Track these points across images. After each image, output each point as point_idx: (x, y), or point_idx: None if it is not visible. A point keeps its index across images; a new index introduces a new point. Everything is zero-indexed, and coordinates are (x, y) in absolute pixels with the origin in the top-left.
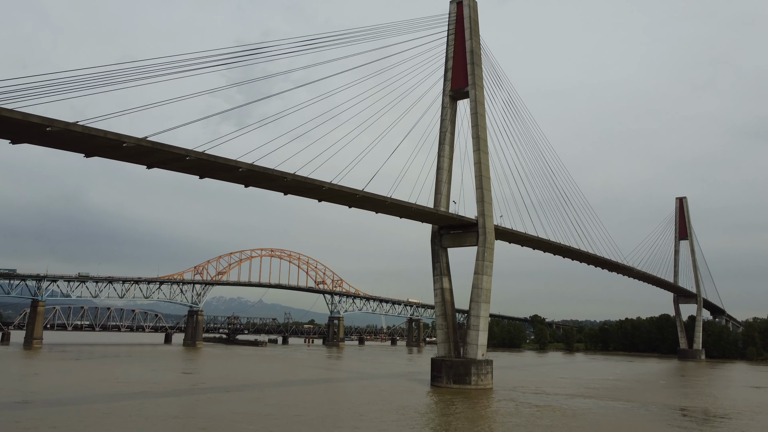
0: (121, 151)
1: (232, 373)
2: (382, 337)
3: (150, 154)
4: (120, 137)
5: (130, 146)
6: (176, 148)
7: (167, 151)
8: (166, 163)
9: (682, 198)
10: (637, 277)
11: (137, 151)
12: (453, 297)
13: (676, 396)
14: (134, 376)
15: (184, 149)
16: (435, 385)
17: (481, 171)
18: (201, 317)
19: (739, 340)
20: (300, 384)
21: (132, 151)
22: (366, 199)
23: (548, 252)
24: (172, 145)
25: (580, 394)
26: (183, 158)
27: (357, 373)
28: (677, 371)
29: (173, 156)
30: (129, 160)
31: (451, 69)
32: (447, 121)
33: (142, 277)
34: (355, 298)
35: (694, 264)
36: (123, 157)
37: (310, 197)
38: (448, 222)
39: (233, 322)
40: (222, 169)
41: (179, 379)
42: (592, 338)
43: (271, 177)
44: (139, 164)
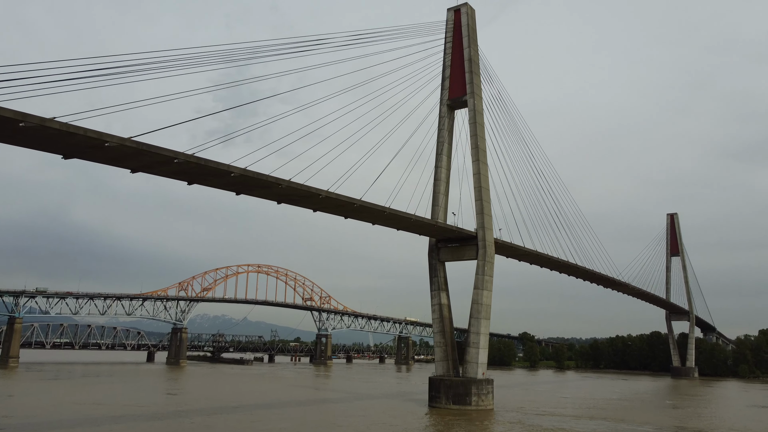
0: (103, 152)
1: (219, 394)
2: (369, 355)
3: (135, 156)
4: (102, 136)
5: (113, 146)
6: (164, 150)
7: (154, 153)
8: (152, 167)
9: (673, 214)
10: (632, 293)
11: (121, 153)
12: (451, 313)
13: (688, 417)
14: (115, 397)
15: (172, 151)
16: (433, 406)
17: (481, 182)
18: (185, 335)
19: (730, 358)
20: (293, 405)
21: (115, 152)
22: (364, 209)
23: (545, 267)
24: (159, 146)
25: (587, 415)
26: (171, 161)
27: (351, 394)
28: (677, 390)
29: (160, 158)
30: (111, 162)
31: (449, 78)
32: (445, 131)
33: (125, 294)
34: (344, 315)
35: (686, 280)
36: (105, 158)
37: (304, 206)
38: (446, 234)
39: (218, 340)
40: (212, 174)
41: (164, 400)
42: (582, 356)
43: (265, 183)
44: (122, 167)
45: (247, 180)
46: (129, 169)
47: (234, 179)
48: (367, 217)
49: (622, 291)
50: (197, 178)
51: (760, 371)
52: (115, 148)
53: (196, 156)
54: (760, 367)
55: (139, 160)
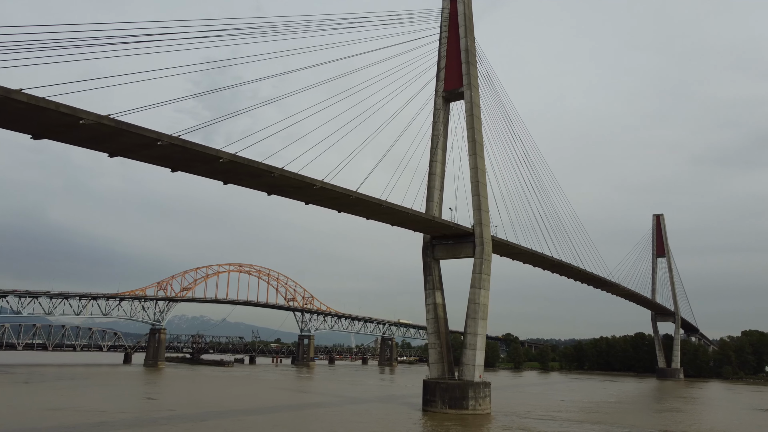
0: (78, 132)
1: (202, 398)
2: (352, 357)
3: (113, 136)
4: (76, 112)
5: (88, 125)
6: (146, 130)
7: (134, 133)
8: (132, 151)
9: (659, 215)
10: (621, 293)
11: (97, 133)
12: (446, 313)
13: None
14: (91, 402)
15: (155, 132)
16: (428, 410)
17: (478, 177)
18: (163, 336)
19: (712, 359)
20: (282, 410)
21: (91, 131)
22: (359, 202)
23: (538, 267)
24: (142, 126)
25: (590, 419)
26: (153, 144)
27: (341, 397)
28: (670, 392)
29: (142, 140)
30: (87, 143)
31: (444, 68)
32: (440, 124)
33: (101, 293)
34: (327, 316)
35: (671, 281)
36: (79, 139)
37: (297, 198)
38: (442, 231)
39: (197, 341)
40: (199, 160)
41: (144, 405)
42: (566, 357)
43: (255, 172)
44: (99, 150)
45: (236, 167)
46: (107, 153)
47: (222, 166)
48: (362, 211)
49: (612, 292)
50: (182, 164)
51: (744, 372)
52: (91, 126)
53: (181, 138)
54: (744, 368)
55: (118, 141)
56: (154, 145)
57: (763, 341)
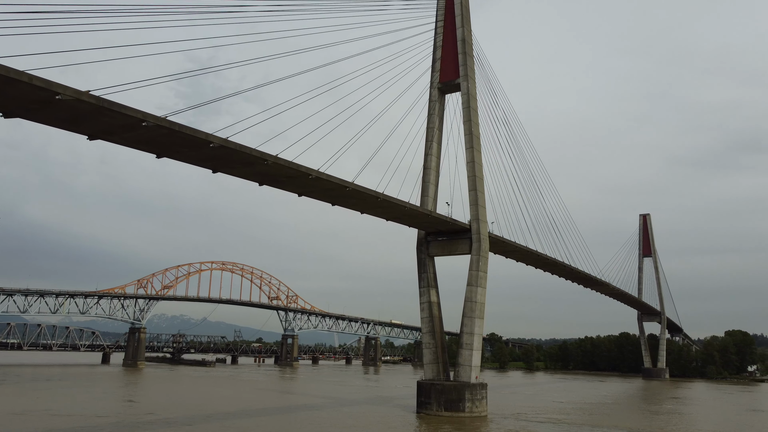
0: (54, 110)
1: (185, 400)
2: (335, 357)
3: (93, 116)
4: (51, 86)
5: (66, 101)
6: (130, 110)
7: (118, 113)
8: (113, 132)
9: (646, 215)
10: (610, 293)
11: (75, 111)
12: (441, 312)
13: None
14: (67, 405)
15: (140, 112)
16: (423, 413)
17: (475, 171)
18: (143, 335)
19: (697, 359)
20: (271, 413)
21: (68, 109)
22: (356, 194)
23: (531, 265)
24: (125, 105)
25: (591, 422)
26: (138, 125)
27: (330, 399)
28: (663, 392)
29: (126, 121)
30: (63, 124)
31: (440, 59)
32: (435, 116)
33: (79, 291)
34: (311, 315)
35: (658, 281)
36: (55, 118)
37: (289, 189)
38: (438, 226)
39: (178, 340)
40: (187, 145)
41: (123, 409)
42: (551, 357)
43: (248, 159)
44: (77, 132)
45: (227, 153)
46: (86, 135)
47: (212, 152)
48: (357, 204)
49: (603, 291)
50: (168, 149)
51: (728, 372)
52: (69, 104)
53: (168, 120)
54: (727, 368)
55: (99, 122)
56: (138, 127)
57: (746, 341)
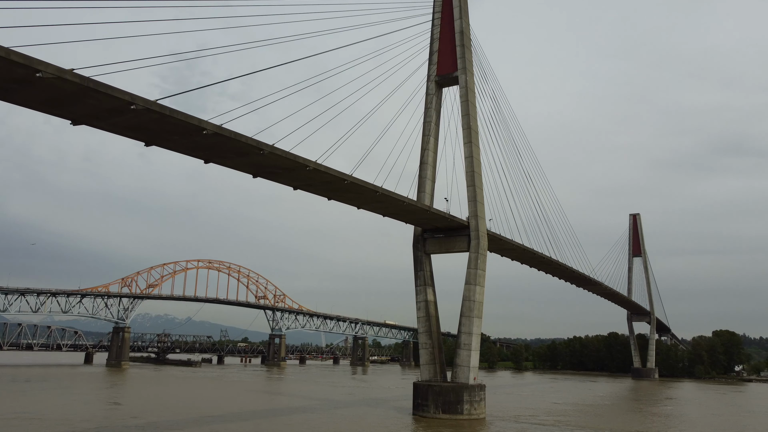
0: (34, 90)
1: (172, 402)
2: (322, 356)
3: (77, 97)
4: (31, 62)
5: (47, 80)
6: (118, 91)
7: (104, 95)
8: (99, 117)
9: (636, 215)
10: (603, 292)
11: (57, 92)
12: (438, 311)
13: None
14: (48, 408)
15: (129, 93)
16: (419, 415)
17: (473, 166)
18: (128, 334)
19: (685, 359)
20: (265, 416)
21: (49, 89)
22: (354, 188)
23: (526, 264)
24: (113, 86)
25: (590, 424)
26: (126, 108)
27: (322, 401)
28: (658, 392)
29: (113, 104)
30: (44, 107)
31: (437, 52)
32: (432, 110)
33: (61, 290)
34: (298, 314)
35: (647, 281)
36: (36, 101)
37: (284, 182)
38: (436, 223)
39: (163, 340)
40: (179, 131)
41: (108, 412)
42: (540, 357)
43: (242, 149)
44: (60, 116)
45: (221, 142)
46: (69, 120)
47: (206, 140)
48: (355, 199)
49: (594, 291)
50: (158, 136)
51: (716, 372)
52: (51, 83)
53: (159, 104)
54: (715, 367)
55: (84, 104)
56: (126, 111)
57: (734, 341)
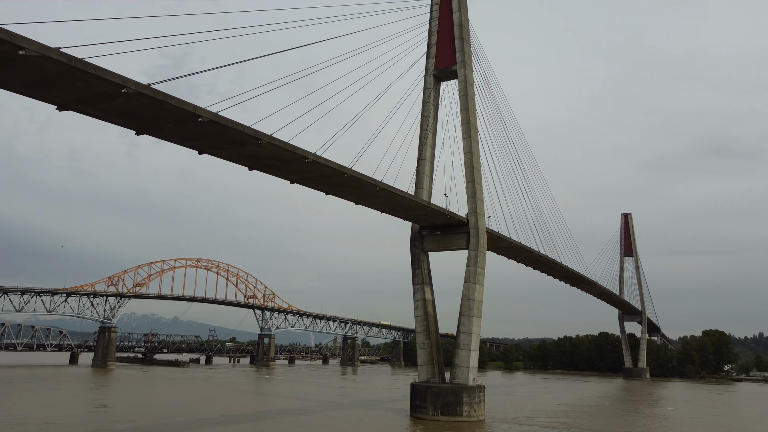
0: (17, 71)
1: (161, 404)
2: (311, 356)
3: (65, 78)
4: (14, 39)
5: (31, 59)
6: (108, 73)
7: (93, 76)
8: (86, 102)
9: (628, 214)
10: (597, 291)
11: (43, 73)
12: (436, 310)
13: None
14: (32, 411)
15: (120, 76)
16: (417, 417)
17: (473, 162)
18: (114, 334)
19: (675, 358)
20: (258, 418)
21: (34, 70)
22: (354, 182)
23: (522, 263)
24: (102, 68)
25: (593, 427)
26: (116, 92)
27: (316, 402)
28: (653, 392)
29: (102, 87)
30: (28, 90)
31: (435, 45)
32: (430, 105)
33: (45, 288)
34: (288, 314)
35: (639, 281)
36: (19, 82)
37: (281, 175)
38: (435, 220)
39: (150, 339)
40: (173, 118)
41: (94, 415)
42: (531, 357)
43: (239, 138)
44: (44, 100)
45: (217, 131)
46: (55, 105)
47: (201, 129)
48: (354, 194)
49: (588, 290)
50: (150, 124)
51: (706, 372)
52: (35, 62)
53: (152, 88)
54: (705, 367)
55: (71, 87)
56: (117, 95)
57: (723, 341)
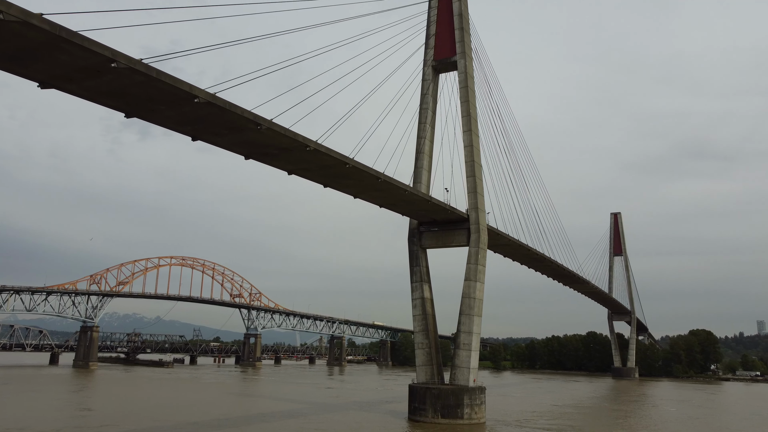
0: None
1: (147, 407)
2: (297, 356)
3: (48, 50)
4: None
5: (10, 25)
6: (96, 44)
7: (79, 47)
8: (72, 78)
9: (617, 213)
10: (589, 291)
11: (22, 42)
12: (434, 309)
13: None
14: (10, 415)
15: (109, 48)
16: (416, 420)
17: (473, 156)
18: (96, 334)
19: (663, 358)
20: (252, 422)
21: (12, 39)
22: (355, 173)
23: (517, 261)
24: (89, 38)
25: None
26: (105, 67)
27: (309, 404)
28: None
29: (89, 60)
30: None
31: (435, 35)
32: (428, 97)
33: (25, 286)
34: (274, 313)
35: (628, 280)
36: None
37: (279, 165)
38: (434, 215)
39: (133, 339)
40: (166, 99)
41: (77, 420)
42: (519, 356)
43: (238, 122)
44: (24, 76)
45: (213, 114)
46: (36, 82)
47: (196, 111)
48: (353, 186)
49: (580, 289)
50: (141, 106)
51: (693, 371)
52: (13, 30)
53: (145, 63)
54: (692, 366)
55: (54, 60)
56: (106, 71)
57: (710, 341)
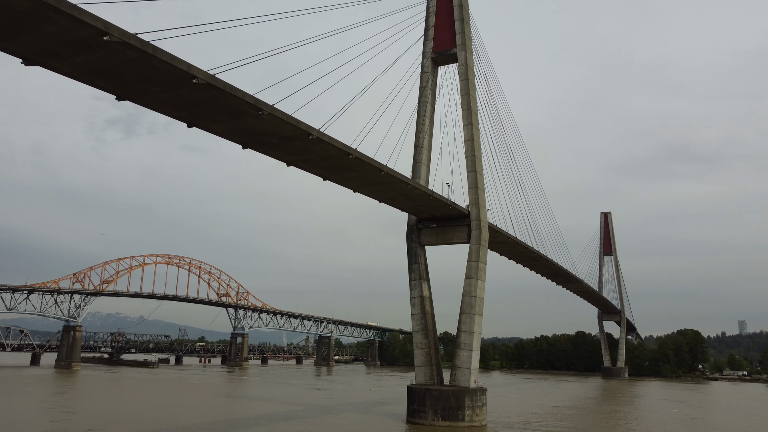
0: None
1: (133, 410)
2: (284, 356)
3: (33, 20)
4: None
5: None
6: (87, 14)
7: (68, 17)
8: (59, 54)
9: (607, 213)
10: (581, 290)
11: (6, 12)
12: (433, 308)
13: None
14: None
15: (101, 20)
16: (415, 422)
17: (474, 150)
18: (79, 333)
19: (651, 358)
20: (246, 426)
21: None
22: (357, 164)
23: (513, 259)
24: (79, 7)
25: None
26: (96, 40)
27: (303, 405)
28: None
29: (79, 33)
30: None
31: (434, 27)
32: (428, 89)
33: (5, 285)
34: (262, 312)
35: (618, 279)
36: None
37: (278, 156)
38: (434, 211)
39: (118, 339)
40: (161, 80)
41: (60, 423)
42: (507, 356)
43: (238, 107)
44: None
45: (212, 97)
46: (20, 58)
47: (193, 94)
48: (354, 179)
49: (573, 289)
50: (134, 87)
51: (681, 371)
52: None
53: (140, 38)
54: (680, 366)
55: (40, 32)
56: (97, 46)
57: (698, 340)
